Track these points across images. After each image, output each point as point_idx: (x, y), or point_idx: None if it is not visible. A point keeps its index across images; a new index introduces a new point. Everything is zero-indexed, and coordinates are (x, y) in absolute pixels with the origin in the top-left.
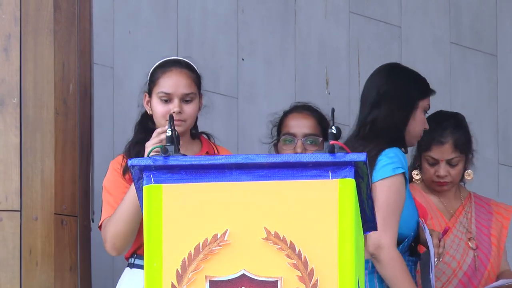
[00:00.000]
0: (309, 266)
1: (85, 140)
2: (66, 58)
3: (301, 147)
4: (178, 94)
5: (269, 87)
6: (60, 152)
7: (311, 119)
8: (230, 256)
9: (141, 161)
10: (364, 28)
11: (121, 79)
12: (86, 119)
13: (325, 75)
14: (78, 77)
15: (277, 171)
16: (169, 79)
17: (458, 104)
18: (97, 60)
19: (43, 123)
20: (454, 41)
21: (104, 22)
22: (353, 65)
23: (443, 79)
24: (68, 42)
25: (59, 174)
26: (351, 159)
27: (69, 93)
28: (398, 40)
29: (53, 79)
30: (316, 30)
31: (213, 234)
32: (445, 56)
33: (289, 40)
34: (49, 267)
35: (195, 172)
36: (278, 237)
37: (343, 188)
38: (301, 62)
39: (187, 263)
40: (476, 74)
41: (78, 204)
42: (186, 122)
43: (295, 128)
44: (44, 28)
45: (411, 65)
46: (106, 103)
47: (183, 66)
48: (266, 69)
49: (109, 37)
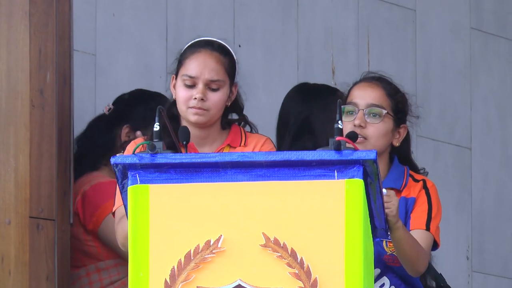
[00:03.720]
0: (312, 276)
1: (63, 135)
2: (43, 44)
3: (361, 118)
4: (204, 79)
5: (268, 77)
6: (36, 148)
7: (380, 90)
8: (224, 264)
9: (126, 159)
10: (374, 11)
11: (104, 68)
12: (65, 111)
13: (331, 63)
14: (56, 65)
15: (277, 170)
16: (195, 60)
17: (479, 97)
18: (77, 46)
19: (17, 116)
20: (475, 26)
21: (85, 4)
22: (362, 53)
23: (463, 69)
24: (45, 26)
25: (35, 173)
26: (359, 157)
27: (46, 83)
28: (412, 26)
29: (29, 67)
30: (322, 13)
31: (205, 240)
32: (464, 43)
33: (291, 25)
34: (23, 276)
35: (186, 171)
36: (278, 244)
37: (350, 190)
38: (305, 49)
39: (176, 272)
40: (499, 64)
41: (55, 206)
42: (209, 112)
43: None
44: (19, 10)
45: (427, 53)
46: (88, 94)
47: (215, 48)
48: (266, 57)
49: (90, 21)
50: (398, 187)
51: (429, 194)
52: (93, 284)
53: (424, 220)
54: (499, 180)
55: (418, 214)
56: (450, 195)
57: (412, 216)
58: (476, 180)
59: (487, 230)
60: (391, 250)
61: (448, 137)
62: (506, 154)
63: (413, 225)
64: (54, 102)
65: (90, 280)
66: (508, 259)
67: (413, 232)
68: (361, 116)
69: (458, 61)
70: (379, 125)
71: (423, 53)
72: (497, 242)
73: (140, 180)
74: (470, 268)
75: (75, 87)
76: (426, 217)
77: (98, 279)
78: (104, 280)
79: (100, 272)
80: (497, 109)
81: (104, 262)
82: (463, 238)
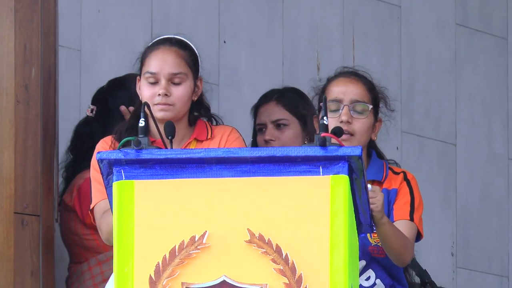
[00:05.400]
0: (297, 272)
1: (48, 131)
2: (28, 40)
3: (347, 114)
4: (165, 74)
5: (253, 73)
6: (20, 144)
7: (361, 85)
8: (209, 260)
9: (111, 154)
10: (360, 7)
11: (89, 64)
12: (50, 107)
13: (316, 60)
14: (41, 61)
15: (262, 166)
16: (155, 57)
17: (465, 94)
18: (62, 42)
19: (2, 112)
20: (460, 22)
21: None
22: (348, 49)
23: (448, 65)
24: (31, 22)
25: (20, 168)
26: (344, 153)
27: (31, 79)
28: (397, 21)
29: (14, 63)
30: (307, 10)
31: (190, 236)
32: (450, 39)
33: (277, 21)
34: (7, 272)
35: (171, 167)
36: (263, 240)
37: (335, 185)
38: (290, 46)
39: (161, 268)
40: (485, 60)
41: (40, 202)
42: (174, 107)
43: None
44: (4, 6)
45: (412, 49)
46: (73, 90)
47: (173, 43)
48: (251, 53)
49: (75, 17)
50: (379, 179)
51: (411, 186)
52: (95, 278)
53: (407, 211)
54: (484, 177)
55: (401, 205)
56: (435, 191)
57: (395, 207)
58: (461, 177)
59: (472, 226)
60: (375, 241)
61: (433, 133)
62: (491, 150)
63: (397, 216)
64: (39, 97)
65: (92, 274)
66: (493, 255)
67: (397, 223)
68: (346, 112)
69: (443, 57)
70: (364, 120)
71: (408, 49)
72: (482, 239)
73: (125, 176)
74: (455, 264)
75: (60, 83)
76: (409, 208)
77: (100, 272)
78: (105, 272)
79: (101, 264)
80: (482, 105)
81: (104, 254)
82: (448, 234)
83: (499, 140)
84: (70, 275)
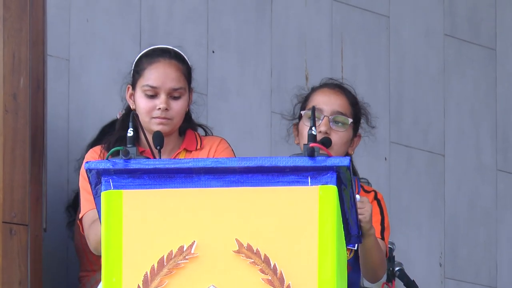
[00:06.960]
0: (285, 283)
1: (37, 141)
2: (17, 49)
3: (327, 125)
4: (166, 89)
5: (242, 82)
6: (9, 153)
7: (344, 98)
8: (197, 270)
9: (99, 164)
10: (348, 17)
11: (77, 73)
12: (38, 117)
13: (305, 69)
14: (29, 70)
15: (250, 176)
16: (156, 71)
17: (453, 103)
18: (51, 51)
19: None
20: (449, 33)
21: (59, 9)
22: (336, 58)
23: (436, 75)
24: (19, 31)
25: (8, 177)
26: (333, 163)
27: (20, 88)
28: (386, 32)
29: (2, 72)
30: (295, 19)
31: (179, 246)
32: (438, 49)
33: (265, 30)
34: None
35: (159, 177)
36: (251, 250)
37: (324, 196)
38: (278, 55)
39: (149, 278)
40: (473, 70)
41: (28, 211)
42: (172, 121)
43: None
44: None
45: (400, 59)
46: (61, 100)
47: (172, 56)
48: (239, 63)
49: (64, 26)
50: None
51: (381, 205)
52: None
53: (379, 229)
54: (472, 187)
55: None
56: (423, 201)
57: None
58: (449, 187)
59: (460, 236)
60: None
61: (421, 144)
62: (479, 160)
63: None
64: (27, 107)
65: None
66: (481, 265)
67: None
68: (326, 123)
69: (431, 67)
70: (343, 133)
71: (397, 59)
72: (470, 249)
73: (113, 186)
74: (443, 275)
75: (49, 92)
76: (380, 227)
77: None
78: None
79: None
80: (470, 115)
81: None
82: (436, 244)
83: (488, 151)
84: (83, 283)
